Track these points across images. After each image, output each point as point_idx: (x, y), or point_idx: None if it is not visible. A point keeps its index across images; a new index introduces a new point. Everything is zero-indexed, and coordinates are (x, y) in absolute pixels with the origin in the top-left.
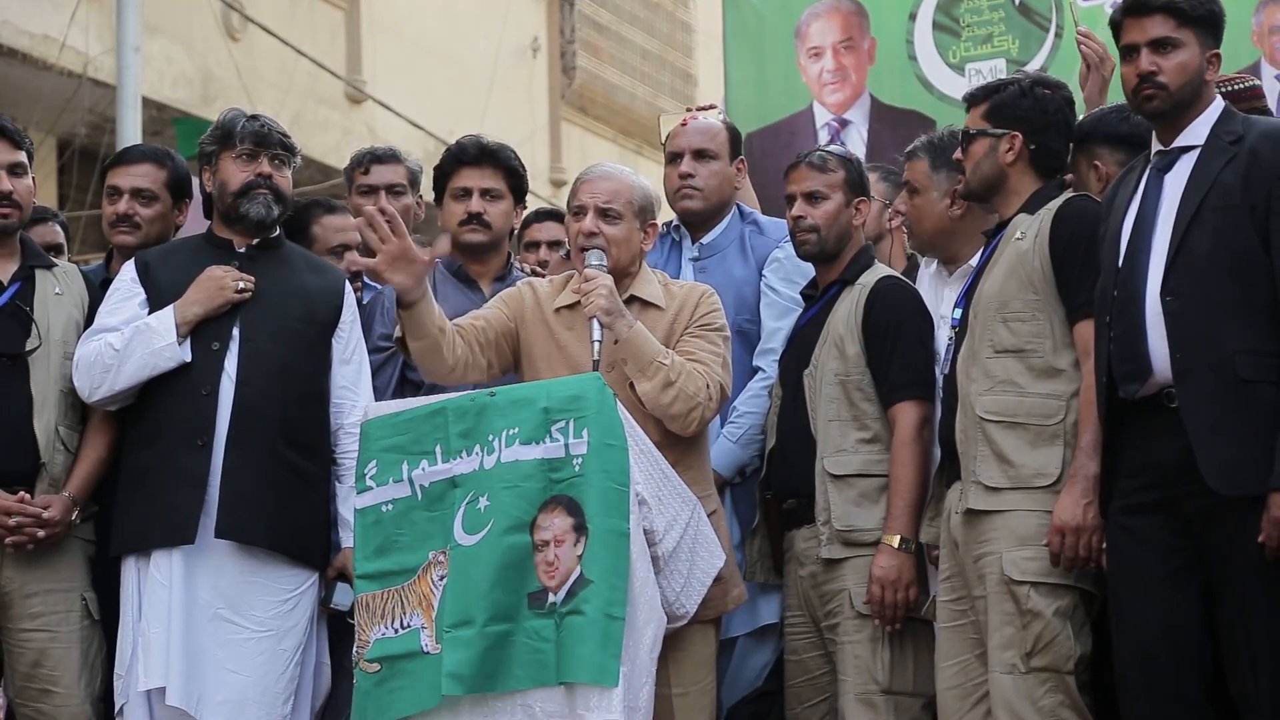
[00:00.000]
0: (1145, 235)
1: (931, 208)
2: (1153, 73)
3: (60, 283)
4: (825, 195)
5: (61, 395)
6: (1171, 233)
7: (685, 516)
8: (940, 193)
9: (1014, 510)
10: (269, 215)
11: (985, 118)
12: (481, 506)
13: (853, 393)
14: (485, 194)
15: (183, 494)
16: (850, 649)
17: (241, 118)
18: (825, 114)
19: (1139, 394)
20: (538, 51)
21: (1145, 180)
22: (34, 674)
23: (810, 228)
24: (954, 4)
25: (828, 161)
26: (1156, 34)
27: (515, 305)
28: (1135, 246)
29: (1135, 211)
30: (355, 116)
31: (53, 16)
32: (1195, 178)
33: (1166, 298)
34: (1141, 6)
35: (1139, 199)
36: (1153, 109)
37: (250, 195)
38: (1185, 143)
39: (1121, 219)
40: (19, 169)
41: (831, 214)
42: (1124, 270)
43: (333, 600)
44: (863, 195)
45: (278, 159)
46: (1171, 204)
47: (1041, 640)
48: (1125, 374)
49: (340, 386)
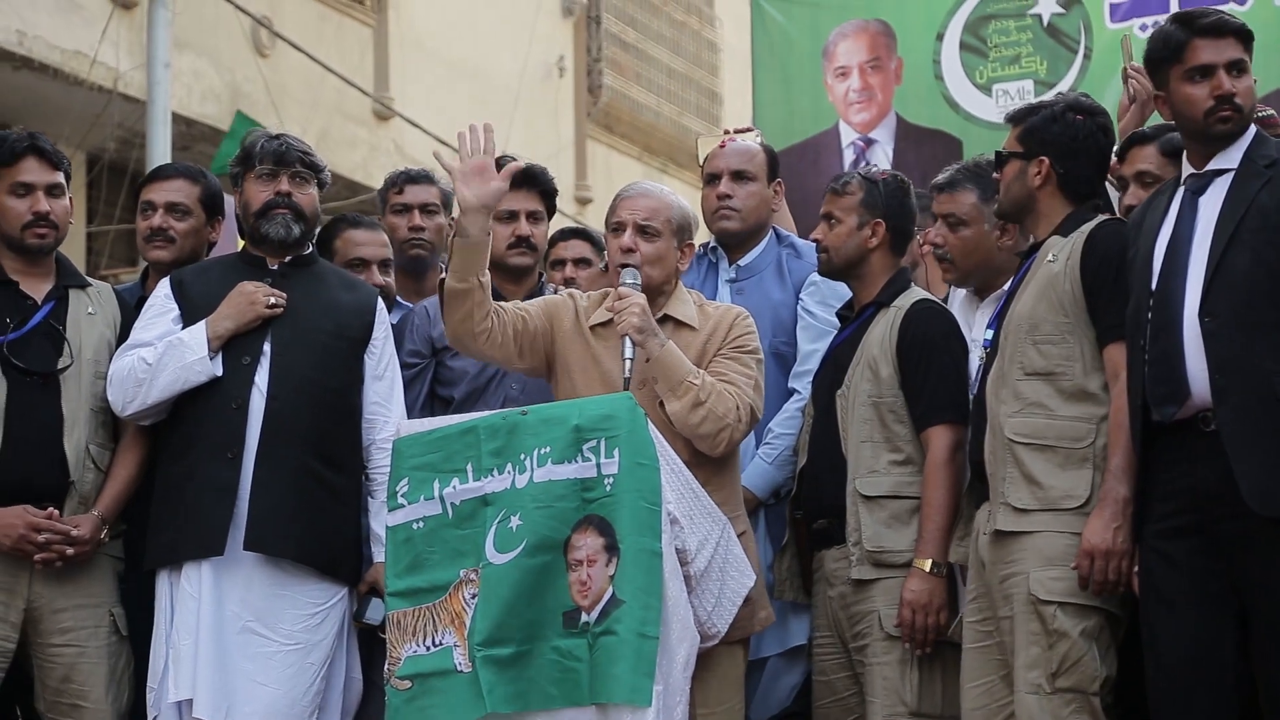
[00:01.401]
0: (1181, 257)
1: (983, 240)
2: (1232, 94)
3: (93, 302)
4: (838, 218)
5: (92, 414)
6: (1209, 254)
7: (716, 536)
8: (991, 224)
9: (1042, 531)
10: (289, 235)
11: (1019, 140)
12: (514, 526)
13: (885, 414)
14: (530, 217)
15: (212, 506)
16: (879, 670)
17: (261, 138)
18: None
19: (1175, 417)
20: (564, 70)
21: (1179, 202)
22: (64, 689)
23: (821, 249)
24: (982, 25)
25: (849, 184)
26: (1233, 56)
27: (556, 312)
28: (1170, 268)
29: (1169, 233)
30: (382, 133)
31: (83, 32)
32: (1231, 200)
33: (1205, 319)
34: (1219, 28)
35: (1172, 220)
36: (1227, 130)
37: (269, 215)
38: (1219, 166)
39: (1153, 241)
40: (57, 190)
41: (841, 236)
42: (1159, 292)
43: (365, 615)
44: (880, 217)
45: (298, 177)
46: (1207, 226)
47: (1067, 661)
48: (1161, 396)
49: (373, 402)
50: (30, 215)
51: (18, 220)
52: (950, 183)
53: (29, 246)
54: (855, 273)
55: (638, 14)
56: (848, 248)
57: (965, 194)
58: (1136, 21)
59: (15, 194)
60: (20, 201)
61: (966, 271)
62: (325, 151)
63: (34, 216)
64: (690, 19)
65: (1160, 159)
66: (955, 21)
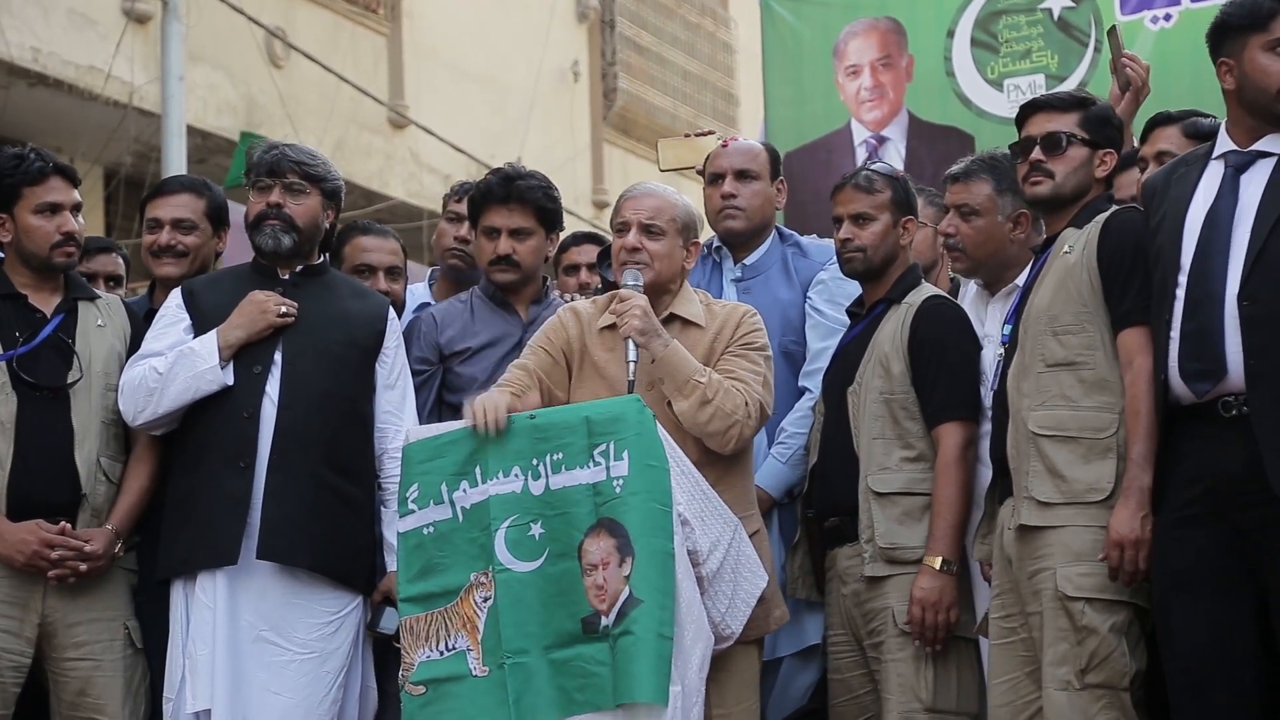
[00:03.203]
0: (1222, 235)
1: (996, 230)
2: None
3: (103, 314)
4: (873, 216)
5: (103, 426)
6: (1250, 237)
7: (727, 537)
8: (1005, 215)
9: (1068, 525)
10: (278, 245)
11: (1083, 127)
12: (535, 534)
13: (897, 411)
14: (514, 234)
15: (225, 516)
16: (894, 667)
17: (258, 149)
18: (863, 131)
19: (1208, 395)
20: (579, 75)
21: (1221, 178)
22: (79, 702)
23: (858, 249)
24: (992, 20)
25: (874, 182)
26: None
27: (558, 341)
28: (1209, 246)
29: (1207, 208)
30: (398, 142)
31: (98, 47)
32: (1274, 186)
33: (1244, 302)
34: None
35: (1210, 195)
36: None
37: (259, 227)
38: (1265, 148)
39: (1183, 212)
40: (78, 209)
41: (879, 234)
42: (1196, 268)
43: (379, 625)
44: (910, 214)
45: (293, 188)
46: (1249, 207)
47: (1097, 657)
48: (1195, 373)
49: (384, 411)
50: (59, 235)
51: (46, 240)
52: (965, 173)
53: (57, 265)
54: (887, 271)
55: (651, 17)
56: (885, 246)
57: (980, 184)
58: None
59: (43, 214)
60: (49, 221)
61: (977, 261)
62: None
63: (63, 236)
64: (704, 21)
65: (1182, 140)
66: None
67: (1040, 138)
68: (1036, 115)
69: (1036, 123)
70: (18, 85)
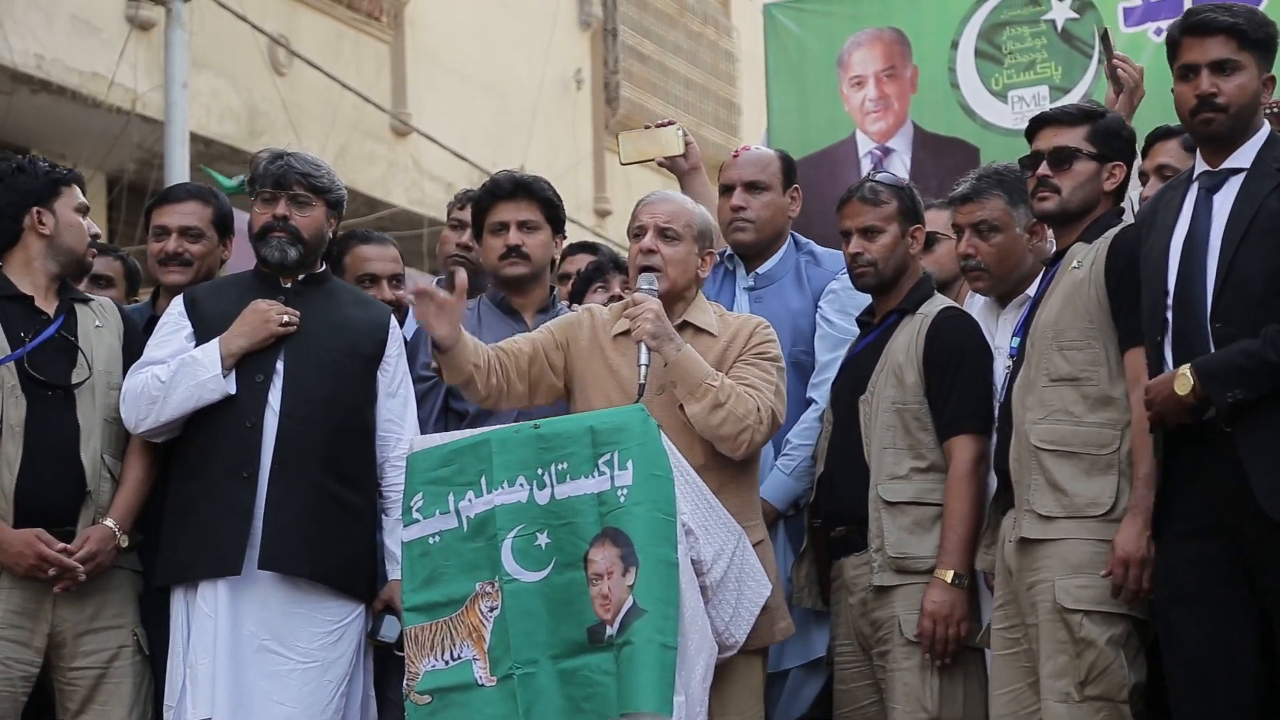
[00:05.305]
0: (1199, 258)
1: (1016, 244)
2: (1212, 94)
3: (98, 315)
4: (880, 229)
5: (106, 424)
6: (1218, 258)
7: (731, 546)
8: (1022, 228)
9: (1067, 539)
10: (284, 258)
11: (1090, 140)
12: (542, 544)
13: (909, 421)
14: (522, 226)
15: (228, 525)
16: (900, 677)
17: (263, 160)
18: (868, 142)
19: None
20: (581, 83)
21: (1195, 200)
22: (87, 710)
23: (868, 263)
24: (996, 31)
25: (880, 194)
26: (1217, 55)
27: (568, 331)
28: (1189, 270)
29: (1185, 231)
30: (400, 149)
31: (101, 54)
32: (1240, 202)
33: (1216, 324)
34: (1204, 26)
35: (1188, 218)
36: (1211, 131)
37: (265, 239)
38: (1233, 165)
39: (1167, 238)
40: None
41: (889, 246)
42: (1179, 294)
43: (379, 633)
44: (918, 222)
45: (298, 199)
46: (1219, 227)
47: (1095, 669)
48: None
49: (386, 420)
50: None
51: (84, 238)
52: (975, 191)
53: (86, 266)
54: (897, 282)
55: (654, 25)
56: (895, 257)
57: (993, 200)
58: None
59: (82, 213)
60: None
61: (1000, 278)
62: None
63: (91, 238)
64: (707, 29)
65: (1182, 154)
66: (969, 29)
67: (1048, 153)
68: (1044, 129)
69: (1044, 137)
70: (21, 91)
